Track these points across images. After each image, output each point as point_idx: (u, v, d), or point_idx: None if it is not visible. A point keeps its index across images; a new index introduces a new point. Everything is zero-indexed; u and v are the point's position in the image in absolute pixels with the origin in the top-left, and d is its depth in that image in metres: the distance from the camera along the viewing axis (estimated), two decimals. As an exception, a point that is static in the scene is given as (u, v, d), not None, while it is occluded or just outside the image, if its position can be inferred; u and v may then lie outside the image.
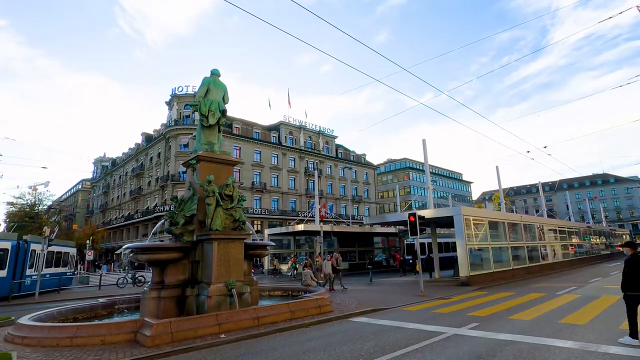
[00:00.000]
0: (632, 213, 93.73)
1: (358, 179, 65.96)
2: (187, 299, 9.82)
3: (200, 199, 10.47)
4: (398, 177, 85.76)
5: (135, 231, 53.70)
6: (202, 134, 11.51)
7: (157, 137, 52.57)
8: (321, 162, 59.76)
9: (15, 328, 8.54)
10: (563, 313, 9.65)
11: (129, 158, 61.99)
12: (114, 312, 11.34)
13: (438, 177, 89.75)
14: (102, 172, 74.87)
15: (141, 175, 55.56)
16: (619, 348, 6.25)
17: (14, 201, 57.25)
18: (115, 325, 8.24)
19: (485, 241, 19.71)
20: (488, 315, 9.83)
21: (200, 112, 11.28)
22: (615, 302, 11.08)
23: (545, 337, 7.18)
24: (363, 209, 64.85)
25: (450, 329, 8.27)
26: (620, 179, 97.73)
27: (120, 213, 60.14)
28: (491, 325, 8.46)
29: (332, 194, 60.07)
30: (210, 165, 10.96)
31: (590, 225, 45.37)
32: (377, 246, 41.32)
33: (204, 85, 11.62)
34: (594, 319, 8.85)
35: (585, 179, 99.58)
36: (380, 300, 13.34)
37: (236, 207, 10.56)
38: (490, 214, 23.27)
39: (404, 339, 7.54)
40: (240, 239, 10.37)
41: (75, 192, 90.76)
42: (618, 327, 7.78)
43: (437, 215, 19.72)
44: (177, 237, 10.52)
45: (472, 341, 7.18)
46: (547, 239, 27.08)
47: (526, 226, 24.27)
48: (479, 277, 17.86)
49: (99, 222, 67.25)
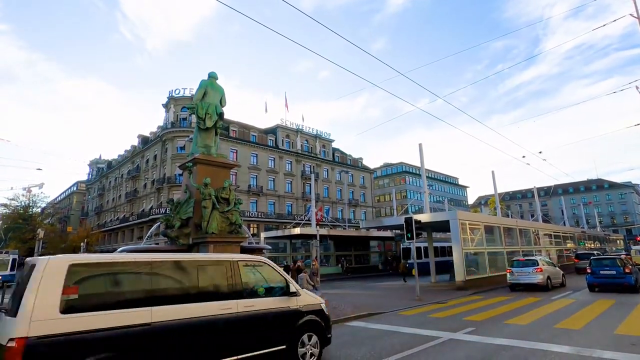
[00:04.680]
0: (626, 218, 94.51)
1: (355, 183, 66.01)
2: (182, 302, 9.74)
3: (197, 202, 10.44)
4: (394, 181, 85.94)
5: (130, 234, 53.32)
6: (199, 137, 11.50)
7: (154, 139, 52.37)
8: (318, 165, 59.77)
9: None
10: (558, 318, 9.69)
11: (125, 160, 61.67)
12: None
13: (434, 181, 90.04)
14: (97, 174, 74.37)
15: (137, 177, 55.27)
16: (614, 353, 6.28)
17: (8, 203, 56.77)
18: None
19: (481, 246, 19.77)
20: (484, 319, 9.85)
21: (198, 114, 11.27)
22: (610, 307, 11.15)
23: (541, 342, 7.20)
24: (359, 213, 64.86)
25: (446, 333, 8.26)
26: (614, 185, 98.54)
27: (116, 215, 59.73)
28: (487, 330, 8.47)
29: (328, 198, 60.04)
30: (207, 168, 10.93)
31: (584, 231, 45.74)
32: (374, 250, 41.34)
33: (201, 88, 11.62)
34: (589, 323, 8.89)
35: (579, 184, 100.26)
36: (376, 304, 13.32)
37: (232, 211, 10.53)
38: (486, 219, 23.37)
39: (400, 343, 7.52)
40: (236, 243, 10.34)
41: (70, 194, 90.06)
42: (613, 332, 7.83)
43: (433, 219, 19.77)
44: (173, 240, 10.47)
45: (468, 346, 7.18)
46: (542, 243, 27.24)
47: (522, 231, 24.39)
48: (475, 282, 17.89)
49: (93, 224, 66.73)
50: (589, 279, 15.92)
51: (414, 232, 14.49)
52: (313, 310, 6.36)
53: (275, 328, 5.78)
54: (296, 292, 6.22)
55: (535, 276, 16.29)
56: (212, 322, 5.02)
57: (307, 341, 6.07)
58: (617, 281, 15.11)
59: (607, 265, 15.59)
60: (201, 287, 5.22)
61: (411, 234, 14.51)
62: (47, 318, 3.86)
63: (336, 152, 65.83)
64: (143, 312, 4.46)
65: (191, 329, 4.78)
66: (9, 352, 3.60)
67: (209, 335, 4.97)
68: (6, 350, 3.62)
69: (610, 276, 15.28)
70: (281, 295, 6.06)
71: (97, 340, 4.07)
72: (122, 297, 4.52)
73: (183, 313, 4.78)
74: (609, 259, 16.45)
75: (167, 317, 4.62)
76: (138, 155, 56.93)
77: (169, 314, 4.65)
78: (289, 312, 6.00)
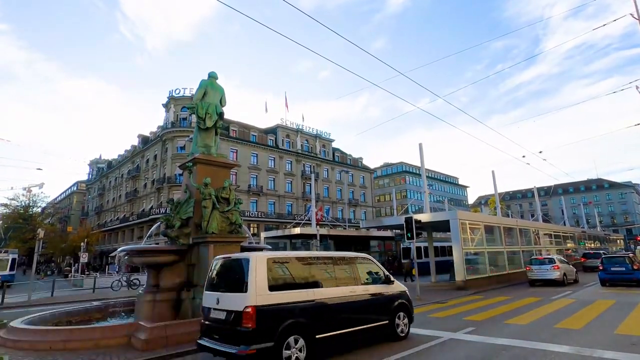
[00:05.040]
0: (626, 218, 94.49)
1: (355, 183, 66.00)
2: (183, 302, 9.75)
3: (197, 202, 10.43)
4: (394, 181, 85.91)
5: (130, 234, 53.32)
6: (199, 137, 11.49)
7: (154, 139, 52.35)
8: (318, 165, 59.75)
9: (7, 331, 8.45)
10: (559, 317, 9.68)
11: (125, 160, 61.65)
12: (108, 315, 11.23)
13: (434, 181, 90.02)
14: (97, 174, 74.34)
15: (137, 177, 55.26)
16: (614, 353, 6.27)
17: (8, 203, 56.77)
18: (109, 328, 8.17)
19: (481, 245, 19.76)
20: (484, 319, 9.84)
21: (198, 114, 11.25)
22: (611, 307, 11.14)
23: (541, 341, 7.20)
24: (360, 213, 64.85)
25: (446, 333, 8.26)
26: (614, 185, 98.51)
27: (116, 215, 59.73)
28: (487, 330, 8.47)
29: (328, 198, 60.03)
30: (207, 168, 10.92)
31: (585, 230, 45.70)
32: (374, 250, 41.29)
33: (201, 87, 11.60)
34: (589, 323, 8.88)
35: (580, 184, 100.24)
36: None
37: (233, 210, 10.52)
38: (486, 219, 23.36)
39: (399, 343, 7.52)
40: (236, 242, 10.32)
41: (70, 194, 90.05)
42: (613, 332, 7.82)
43: (433, 219, 19.75)
44: (173, 240, 10.46)
45: (468, 346, 7.18)
46: (542, 243, 27.23)
47: (522, 231, 24.37)
48: (475, 281, 17.88)
49: (94, 224, 66.71)
50: (601, 275, 17.31)
51: (414, 232, 14.49)
52: (402, 295, 8.23)
53: (381, 307, 7.65)
54: (392, 281, 8.18)
55: (553, 272, 17.77)
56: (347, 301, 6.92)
57: (401, 318, 7.95)
58: (626, 276, 16.47)
59: (617, 263, 17.03)
60: (337, 277, 7.24)
61: (411, 234, 14.51)
62: (263, 294, 5.87)
63: (336, 152, 65.80)
64: (309, 292, 6.47)
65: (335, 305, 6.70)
66: (246, 315, 5.64)
67: (345, 310, 6.85)
68: (244, 313, 5.66)
69: (620, 272, 16.65)
70: (382, 283, 7.96)
71: (289, 310, 6.06)
72: (297, 282, 6.55)
73: (329, 294, 6.74)
74: (619, 257, 17.91)
75: (322, 296, 6.58)
76: (138, 155, 56.91)
77: (322, 294, 6.62)
78: (388, 295, 7.92)
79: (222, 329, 6.02)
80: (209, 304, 6.43)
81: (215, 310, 6.22)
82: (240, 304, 5.77)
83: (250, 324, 5.61)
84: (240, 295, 5.88)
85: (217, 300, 6.25)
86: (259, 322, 5.65)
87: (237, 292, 5.98)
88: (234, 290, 6.11)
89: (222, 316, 6.07)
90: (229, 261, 6.70)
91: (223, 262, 6.78)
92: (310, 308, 6.33)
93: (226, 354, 5.77)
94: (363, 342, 7.33)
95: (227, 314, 5.98)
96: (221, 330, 6.04)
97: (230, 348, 5.68)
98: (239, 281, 6.04)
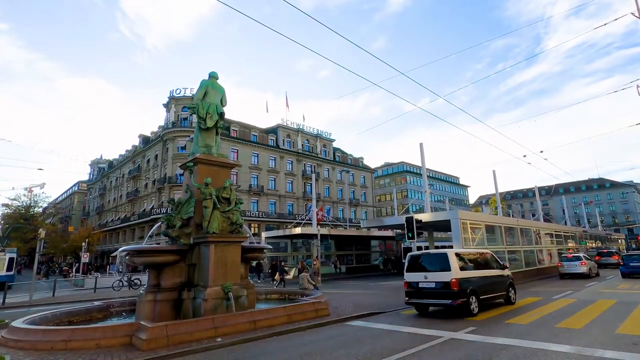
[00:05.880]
0: (628, 217, 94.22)
1: (355, 183, 65.96)
2: (184, 302, 9.76)
3: (198, 202, 10.44)
4: (395, 181, 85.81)
5: (131, 234, 53.36)
6: (199, 137, 11.50)
7: (155, 139, 52.37)
8: (319, 165, 59.72)
9: (9, 331, 8.46)
10: (559, 317, 9.66)
11: (126, 160, 61.69)
12: (109, 315, 11.24)
13: (435, 180, 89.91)
14: (98, 174, 74.41)
15: (138, 177, 55.29)
16: (615, 352, 6.26)
17: (9, 203, 56.88)
18: (110, 328, 8.17)
19: (482, 245, 19.72)
20: (484, 319, 9.83)
21: (198, 114, 11.26)
22: (612, 306, 11.12)
23: (541, 341, 7.18)
24: (360, 213, 64.82)
25: (447, 332, 8.25)
26: (615, 184, 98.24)
27: (117, 215, 59.78)
28: (488, 330, 8.46)
29: (329, 197, 60.01)
30: (208, 167, 10.93)
31: (586, 230, 45.60)
32: (375, 249, 41.28)
33: (202, 87, 11.61)
34: (590, 323, 8.86)
35: (581, 183, 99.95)
36: (377, 304, 13.33)
37: (233, 210, 10.53)
38: (487, 218, 23.34)
39: (401, 343, 7.52)
40: (237, 242, 10.33)
41: (71, 194, 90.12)
42: (614, 332, 7.81)
43: (434, 218, 19.74)
44: (174, 240, 10.47)
45: (469, 345, 7.17)
46: (543, 243, 27.17)
47: (523, 230, 24.33)
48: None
49: (95, 224, 66.78)
50: (622, 269, 20.82)
51: (414, 232, 14.49)
52: (510, 277, 12.58)
53: (502, 284, 11.99)
54: (506, 267, 12.75)
55: (581, 267, 21.20)
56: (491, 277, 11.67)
57: (512, 293, 12.28)
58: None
59: (635, 259, 20.61)
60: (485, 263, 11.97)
61: (412, 234, 14.51)
62: (458, 271, 10.29)
63: (337, 152, 65.77)
64: (477, 272, 11.16)
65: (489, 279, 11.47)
66: (453, 283, 9.97)
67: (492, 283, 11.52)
68: (451, 283, 9.97)
69: (638, 267, 20.04)
70: (499, 268, 12.28)
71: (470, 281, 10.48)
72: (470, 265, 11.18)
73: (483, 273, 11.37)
74: (637, 254, 21.61)
75: (482, 274, 11.25)
76: (139, 155, 56.96)
77: (483, 273, 11.36)
78: (505, 276, 12.31)
79: (433, 292, 10.34)
80: (414, 279, 10.87)
81: (424, 282, 10.58)
82: (448, 277, 10.05)
83: (456, 288, 9.90)
84: (447, 273, 10.13)
85: (425, 277, 10.59)
86: (458, 287, 9.91)
87: (444, 271, 10.22)
88: (441, 270, 10.33)
89: (432, 285, 10.38)
90: (431, 254, 11.48)
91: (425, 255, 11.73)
92: (478, 280, 10.81)
93: (443, 305, 10.33)
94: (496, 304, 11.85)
95: (436, 284, 10.31)
96: (431, 293, 10.40)
97: (445, 301, 10.10)
98: (445, 265, 10.32)
